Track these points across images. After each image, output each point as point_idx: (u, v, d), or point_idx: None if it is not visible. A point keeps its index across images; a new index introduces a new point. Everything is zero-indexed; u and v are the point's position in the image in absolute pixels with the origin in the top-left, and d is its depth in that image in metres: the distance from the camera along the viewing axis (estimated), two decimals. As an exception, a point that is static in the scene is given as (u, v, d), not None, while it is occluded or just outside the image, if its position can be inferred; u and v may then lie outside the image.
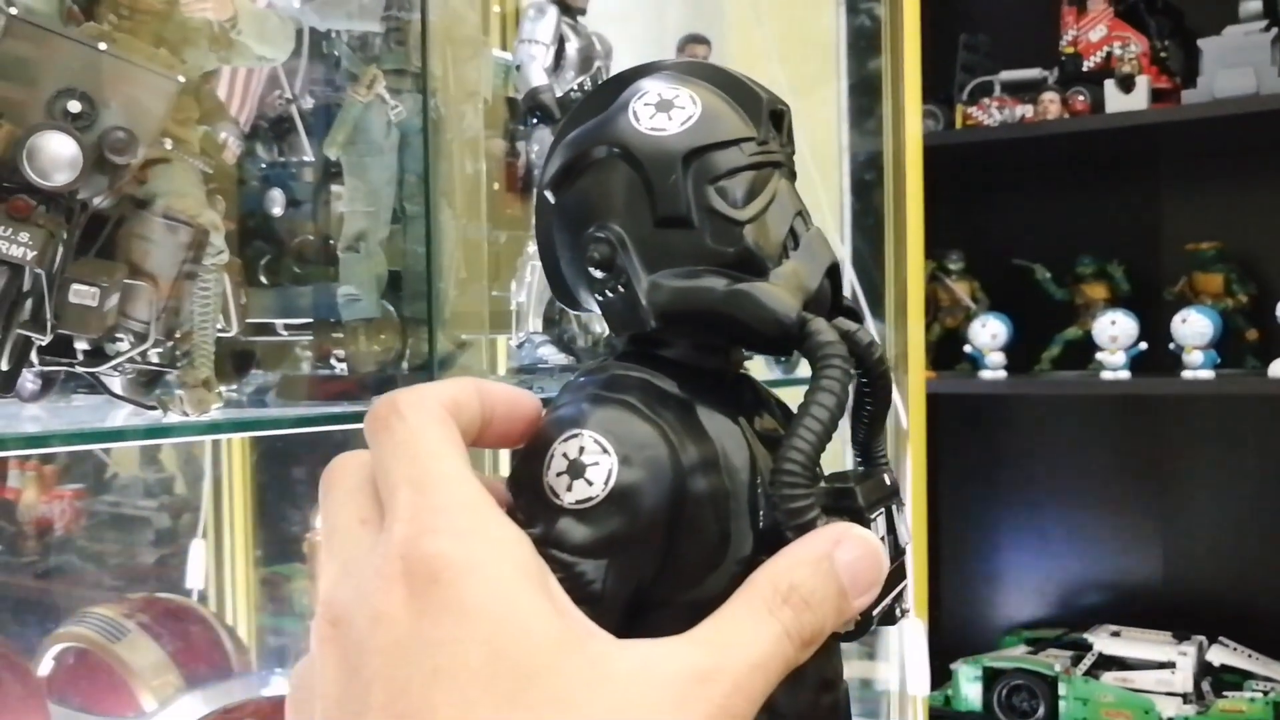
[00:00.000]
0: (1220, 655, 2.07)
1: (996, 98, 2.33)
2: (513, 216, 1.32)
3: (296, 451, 1.80)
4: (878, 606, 0.47)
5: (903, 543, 0.50)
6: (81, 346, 0.80)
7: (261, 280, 1.16)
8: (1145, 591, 2.40)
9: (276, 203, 1.17)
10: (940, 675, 2.08)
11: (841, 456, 0.54)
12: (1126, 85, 2.16)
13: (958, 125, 2.37)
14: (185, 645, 1.26)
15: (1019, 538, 2.54)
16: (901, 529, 0.50)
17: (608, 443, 0.44)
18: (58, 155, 0.72)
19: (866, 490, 0.47)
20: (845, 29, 1.90)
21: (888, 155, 1.84)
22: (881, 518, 0.48)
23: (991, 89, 2.36)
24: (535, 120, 1.29)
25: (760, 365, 1.26)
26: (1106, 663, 2.10)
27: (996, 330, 2.35)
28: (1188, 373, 2.13)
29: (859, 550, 0.40)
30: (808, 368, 0.48)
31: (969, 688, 2.14)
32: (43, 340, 0.75)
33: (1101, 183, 2.44)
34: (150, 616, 1.27)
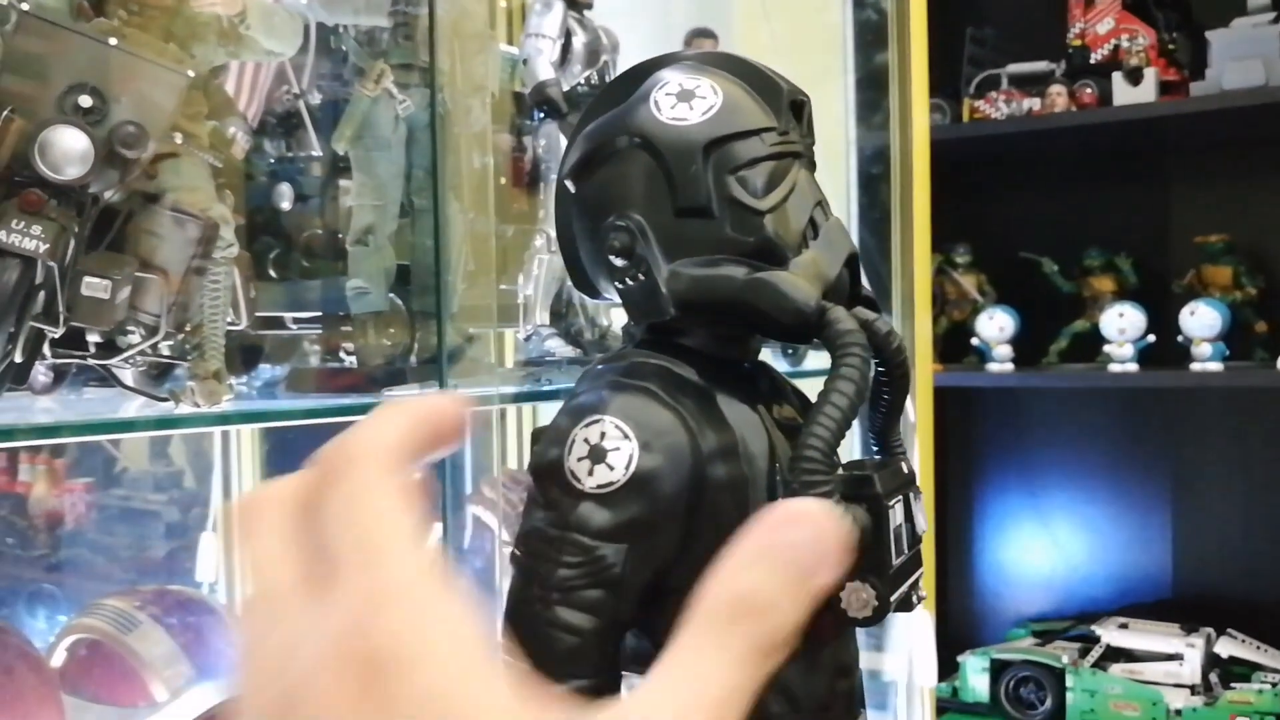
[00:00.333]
0: (1228, 647, 2.07)
1: (1004, 91, 2.32)
2: (520, 211, 1.33)
3: (306, 445, 1.79)
4: (895, 593, 0.47)
5: (920, 530, 0.50)
6: (93, 339, 0.81)
7: (270, 274, 1.16)
8: (1153, 583, 2.40)
9: (285, 197, 1.17)
10: (947, 667, 2.08)
11: (851, 446, 0.54)
12: (1134, 78, 2.15)
13: (965, 119, 2.37)
14: (196, 636, 1.27)
15: (1026, 530, 2.54)
16: (919, 516, 0.51)
17: (628, 428, 0.45)
18: (69, 149, 0.72)
19: (884, 478, 0.48)
20: (852, 23, 1.89)
21: (895, 149, 1.84)
22: (899, 505, 0.48)
23: (999, 82, 2.35)
24: (542, 115, 1.29)
25: (767, 357, 1.26)
26: (1114, 655, 2.09)
27: (1004, 323, 2.35)
28: (1196, 365, 2.13)
29: (803, 527, 0.36)
30: (815, 360, 0.49)
31: (976, 679, 2.13)
32: (56, 332, 0.75)
33: (1109, 176, 2.44)
34: (161, 608, 1.28)
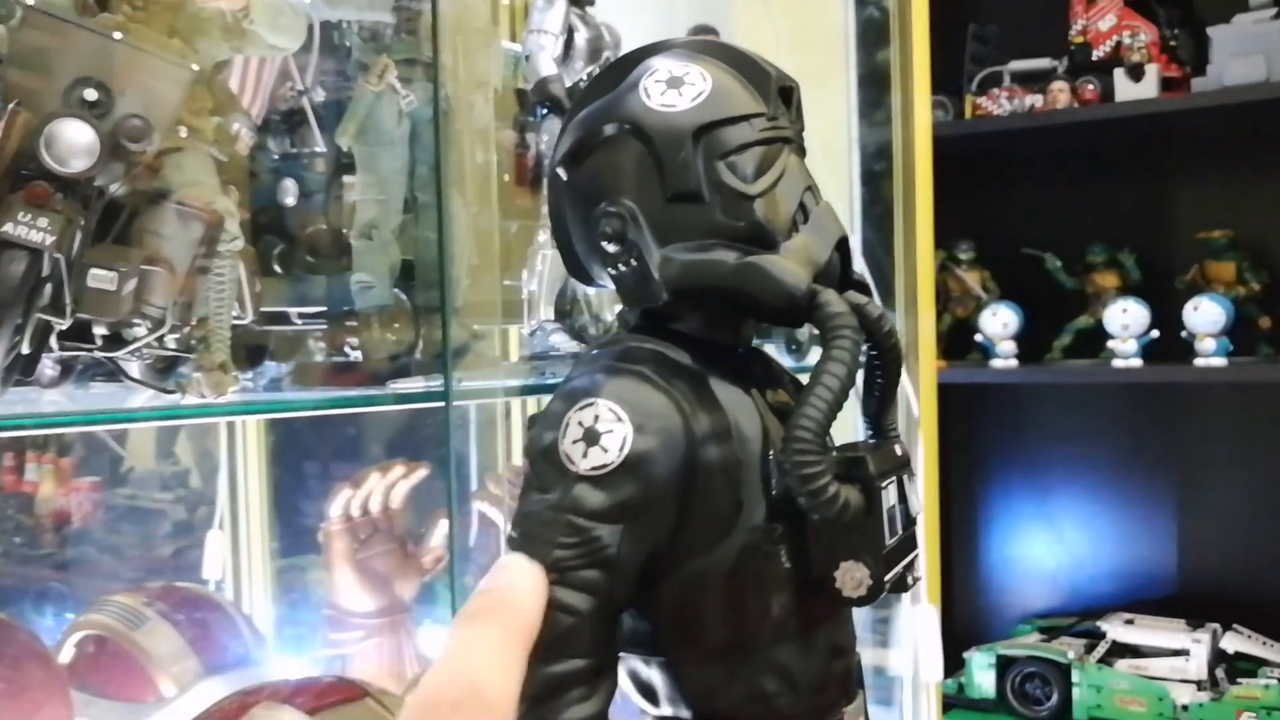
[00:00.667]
0: (1234, 642, 2.07)
1: (1006, 88, 2.32)
2: (523, 206, 1.33)
3: (312, 443, 1.81)
4: (889, 573, 0.48)
5: (913, 512, 0.51)
6: (99, 332, 0.81)
7: (275, 270, 1.17)
8: (1158, 579, 2.40)
9: (289, 193, 1.17)
10: (953, 663, 2.08)
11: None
12: (1136, 74, 2.15)
13: (967, 115, 2.37)
14: (203, 632, 1.27)
15: (1031, 526, 2.55)
16: (912, 498, 0.51)
17: (622, 411, 0.45)
18: (75, 142, 0.73)
19: (878, 460, 0.48)
20: (854, 20, 1.90)
21: (897, 146, 1.84)
22: (893, 487, 0.49)
23: (1001, 79, 2.35)
24: (545, 111, 1.29)
25: (770, 351, 1.27)
26: (1120, 650, 2.09)
27: (1007, 319, 2.35)
28: (1200, 361, 2.13)
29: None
30: (819, 356, 0.49)
31: (982, 676, 2.14)
32: (63, 324, 0.76)
33: (1112, 171, 2.44)
34: (169, 604, 1.28)
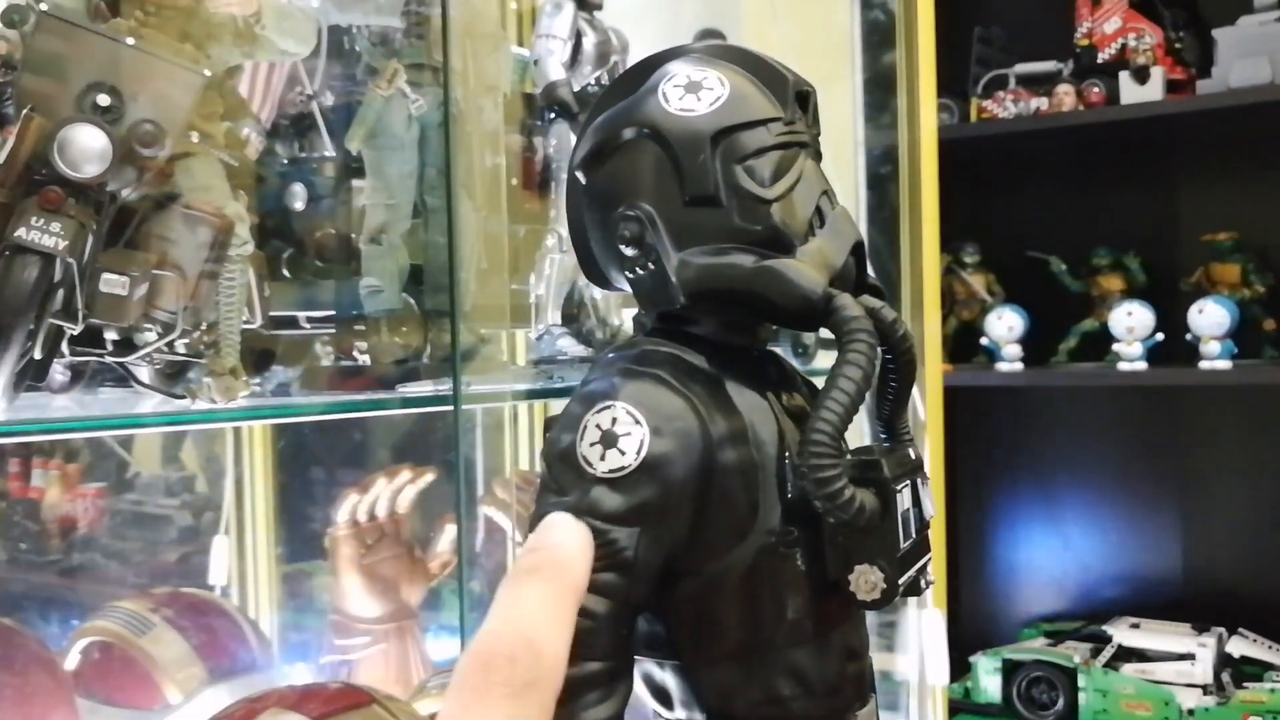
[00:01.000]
0: (1240, 646, 2.07)
1: (1011, 90, 2.33)
2: (531, 211, 1.33)
3: (319, 448, 1.81)
4: (903, 577, 0.48)
5: (927, 515, 0.51)
6: (110, 337, 0.82)
7: (284, 275, 1.17)
8: (1164, 583, 2.39)
9: (298, 198, 1.18)
10: (959, 667, 2.08)
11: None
12: (1141, 76, 2.15)
13: (973, 118, 2.37)
14: (209, 638, 1.27)
15: (1037, 530, 2.54)
16: (926, 502, 0.51)
17: (639, 414, 0.46)
18: (88, 147, 0.73)
19: (892, 463, 0.48)
20: (860, 23, 1.90)
21: (903, 149, 1.84)
22: (907, 489, 0.49)
23: (1006, 82, 2.35)
24: (553, 115, 1.29)
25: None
26: (1126, 654, 2.09)
27: (1013, 322, 2.35)
28: (1205, 363, 2.13)
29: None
30: (826, 360, 0.49)
31: (988, 680, 2.13)
32: (75, 329, 0.76)
33: (1117, 174, 2.44)
34: (175, 610, 1.28)
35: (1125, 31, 2.21)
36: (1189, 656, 2.03)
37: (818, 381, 0.50)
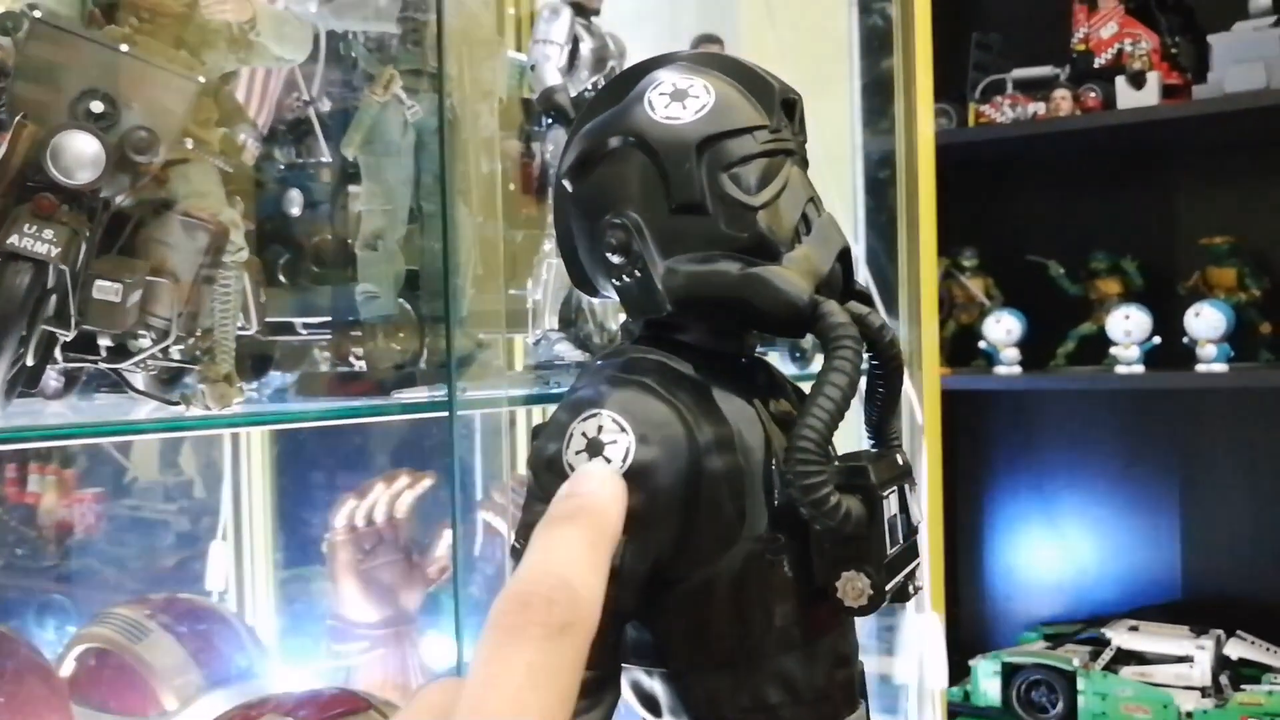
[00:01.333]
0: (1238, 649, 2.07)
1: (1009, 95, 2.33)
2: (528, 216, 1.33)
3: (316, 453, 1.81)
4: (891, 583, 0.48)
5: (915, 521, 0.51)
6: (104, 343, 0.82)
7: (280, 280, 1.17)
8: (1162, 585, 2.39)
9: (294, 203, 1.18)
10: (959, 671, 2.08)
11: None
12: (1138, 82, 2.16)
13: (971, 123, 2.37)
14: (206, 644, 1.27)
15: (1035, 533, 2.54)
16: (914, 508, 0.51)
17: (625, 422, 0.45)
18: (81, 154, 0.73)
19: (880, 469, 0.48)
20: (857, 29, 1.90)
21: (901, 154, 1.84)
22: (894, 496, 0.49)
23: (1004, 87, 2.36)
24: (550, 120, 1.29)
25: (774, 360, 1.27)
26: (1125, 657, 2.09)
27: (1011, 326, 2.35)
28: (1201, 366, 2.13)
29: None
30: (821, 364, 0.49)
31: (988, 683, 2.14)
32: (67, 336, 0.76)
33: (1114, 178, 2.44)
34: (171, 616, 1.28)
35: (1121, 37, 2.21)
36: (1187, 659, 2.03)
37: (808, 387, 0.50)
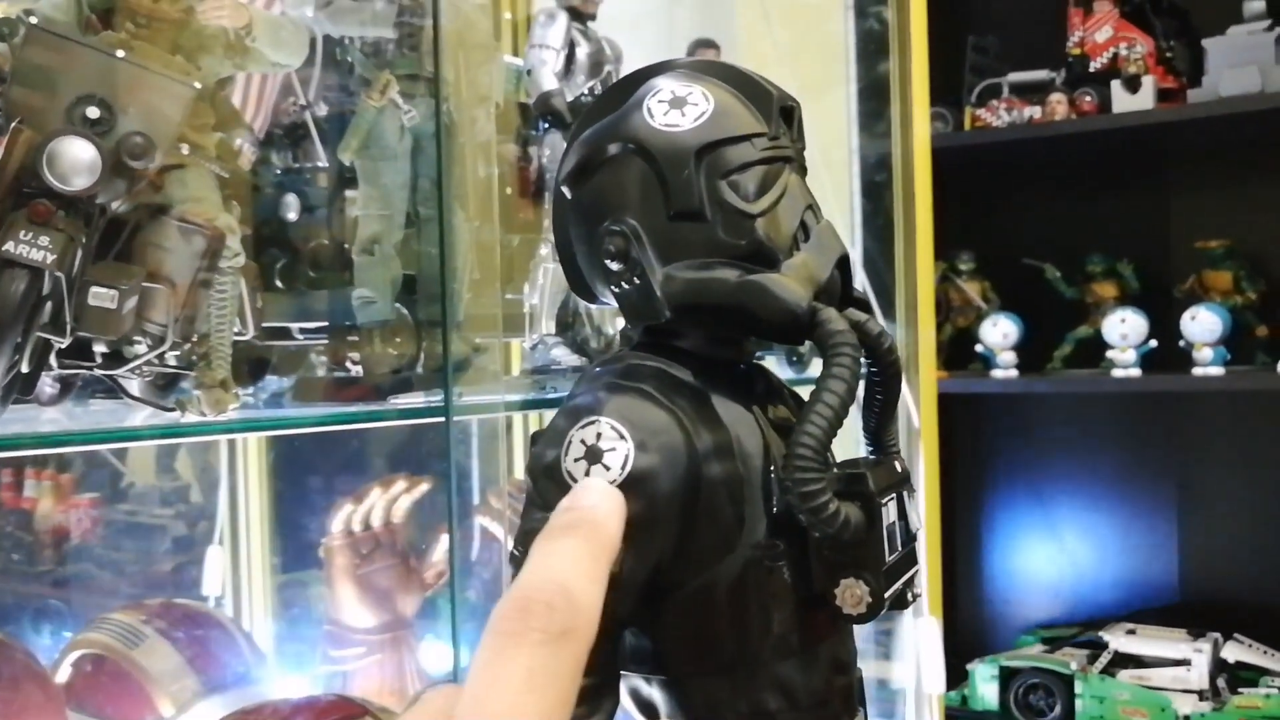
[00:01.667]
0: (1235, 652, 2.07)
1: (1005, 99, 2.33)
2: (525, 220, 1.33)
3: (313, 458, 1.81)
4: (889, 590, 0.48)
5: (913, 528, 0.51)
6: (100, 350, 0.81)
7: (277, 285, 1.17)
8: (1160, 588, 2.39)
9: (291, 208, 1.18)
10: (956, 675, 2.08)
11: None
12: (1133, 85, 2.16)
13: (966, 127, 2.37)
14: (202, 650, 1.26)
15: (1033, 537, 2.54)
16: (912, 515, 0.51)
17: (624, 429, 0.45)
18: (77, 160, 0.73)
19: (878, 476, 0.48)
20: (854, 32, 1.90)
21: (897, 157, 1.85)
22: (893, 503, 0.49)
23: (1000, 91, 2.36)
24: (547, 125, 1.29)
25: (772, 365, 1.26)
26: (1122, 661, 2.09)
27: (1008, 329, 2.35)
28: (1198, 369, 2.13)
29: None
30: (820, 368, 0.49)
31: (985, 687, 2.13)
32: (62, 342, 0.76)
33: (1110, 182, 2.45)
34: (168, 622, 1.27)
35: (1117, 41, 2.22)
36: (1185, 662, 2.03)
37: (806, 393, 0.50)
